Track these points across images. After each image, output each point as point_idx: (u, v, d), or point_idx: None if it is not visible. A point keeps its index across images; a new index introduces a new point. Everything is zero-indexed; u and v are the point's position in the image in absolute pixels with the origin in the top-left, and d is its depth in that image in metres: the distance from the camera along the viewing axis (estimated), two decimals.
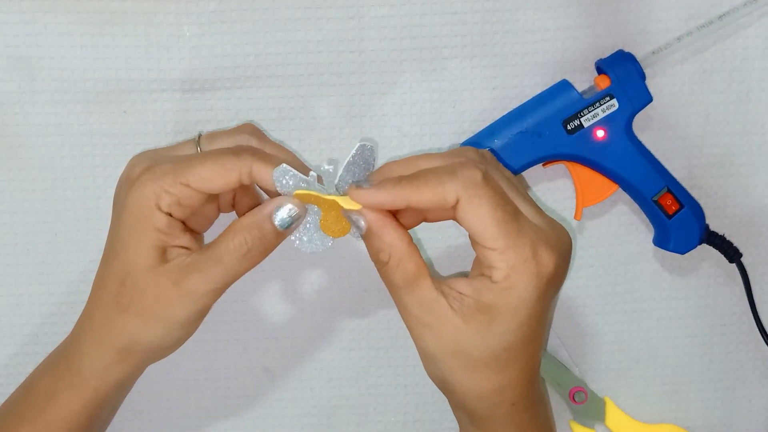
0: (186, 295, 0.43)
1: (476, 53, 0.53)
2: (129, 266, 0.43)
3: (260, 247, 0.43)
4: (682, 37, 0.51)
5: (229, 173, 0.43)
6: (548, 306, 0.43)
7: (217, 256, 0.43)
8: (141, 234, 0.43)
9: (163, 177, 0.42)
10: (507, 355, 0.42)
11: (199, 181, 0.42)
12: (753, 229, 0.55)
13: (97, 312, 0.45)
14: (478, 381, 0.43)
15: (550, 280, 0.41)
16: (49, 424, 0.46)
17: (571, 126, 0.50)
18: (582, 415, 0.56)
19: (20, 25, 0.50)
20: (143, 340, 0.44)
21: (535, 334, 0.42)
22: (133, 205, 0.43)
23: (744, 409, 0.58)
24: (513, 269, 0.40)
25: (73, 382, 0.45)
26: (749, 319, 0.54)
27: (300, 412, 0.56)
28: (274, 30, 0.52)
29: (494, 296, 0.41)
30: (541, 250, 0.41)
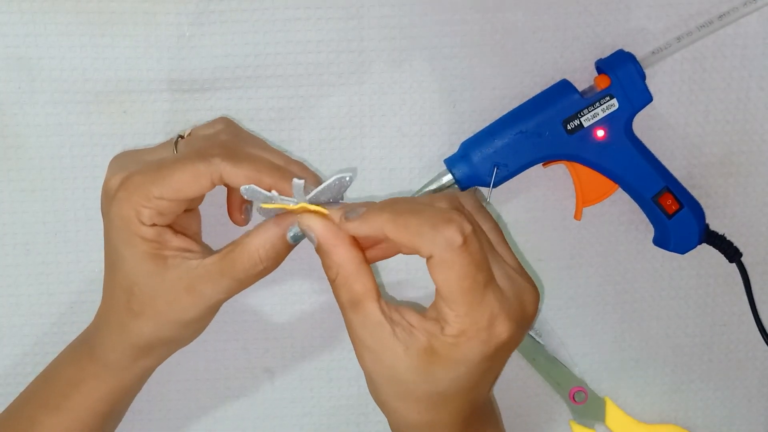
0: (199, 301, 0.44)
1: (476, 53, 0.53)
2: (132, 276, 0.44)
3: (274, 262, 0.44)
4: (682, 36, 0.51)
5: (201, 179, 0.43)
6: (494, 366, 0.42)
7: (231, 270, 0.44)
8: (132, 247, 0.43)
9: (137, 192, 0.43)
10: (440, 399, 0.42)
11: (172, 192, 0.43)
12: (753, 228, 0.55)
13: (112, 316, 0.46)
14: (410, 411, 0.43)
15: (500, 347, 0.41)
16: (72, 410, 0.47)
17: (571, 126, 0.50)
18: (582, 415, 0.56)
19: (20, 25, 0.50)
20: (161, 338, 0.46)
21: (474, 386, 0.42)
22: (116, 220, 0.44)
23: (744, 408, 0.58)
24: (464, 333, 0.40)
25: (97, 372, 0.47)
26: (749, 319, 0.54)
27: (300, 412, 0.56)
28: (274, 30, 0.52)
29: (440, 345, 0.40)
30: (498, 322, 0.40)
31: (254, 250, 0.43)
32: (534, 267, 0.55)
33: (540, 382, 0.56)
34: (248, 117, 0.52)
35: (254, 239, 0.44)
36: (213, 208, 0.52)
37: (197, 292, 0.44)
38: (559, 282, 0.56)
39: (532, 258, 0.55)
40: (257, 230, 0.44)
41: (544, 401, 0.57)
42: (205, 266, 0.44)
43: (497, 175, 0.50)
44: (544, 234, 0.55)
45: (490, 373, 0.43)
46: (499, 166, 0.50)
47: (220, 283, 0.44)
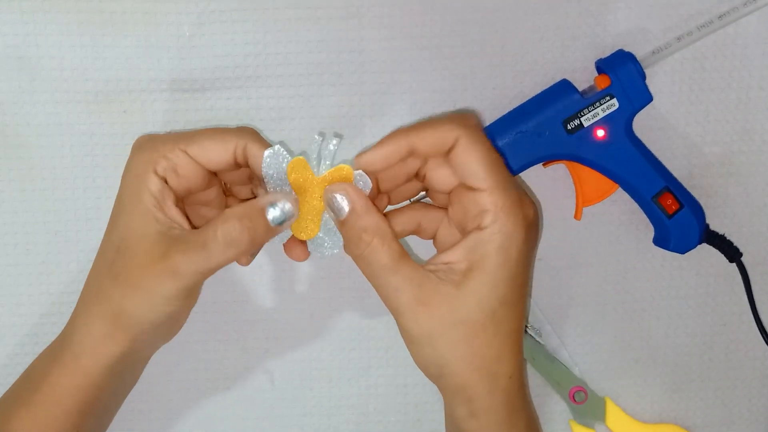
0: (169, 271, 0.43)
1: (476, 53, 0.53)
2: (126, 231, 0.44)
3: (248, 238, 0.43)
4: (682, 36, 0.51)
5: (227, 145, 0.44)
6: (531, 256, 0.45)
7: (203, 239, 0.43)
8: (136, 197, 0.44)
9: (163, 143, 0.45)
10: (502, 311, 0.43)
11: (197, 149, 0.44)
12: (753, 228, 0.55)
13: (93, 282, 0.46)
14: (478, 349, 0.43)
15: (532, 227, 0.44)
16: (43, 405, 0.45)
17: (571, 126, 0.50)
18: (582, 414, 0.56)
19: (20, 25, 0.50)
20: (128, 311, 0.44)
21: (523, 288, 0.44)
22: (132, 168, 0.45)
23: (744, 408, 0.58)
24: (502, 210, 0.43)
25: (66, 362, 0.45)
26: (749, 318, 0.54)
27: (300, 411, 0.56)
28: (274, 30, 0.52)
29: (485, 244, 0.43)
30: (525, 198, 0.44)
31: (228, 217, 0.43)
32: (534, 267, 0.55)
33: (540, 381, 0.56)
34: (248, 117, 0.52)
35: (232, 209, 0.43)
36: None
37: (168, 261, 0.42)
38: (559, 282, 0.56)
39: None
40: (239, 204, 0.44)
41: (544, 401, 0.57)
42: (185, 235, 0.43)
43: None
44: (544, 234, 0.55)
45: (529, 268, 0.46)
46: None
47: (189, 252, 0.42)
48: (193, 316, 0.54)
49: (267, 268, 0.55)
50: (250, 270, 0.54)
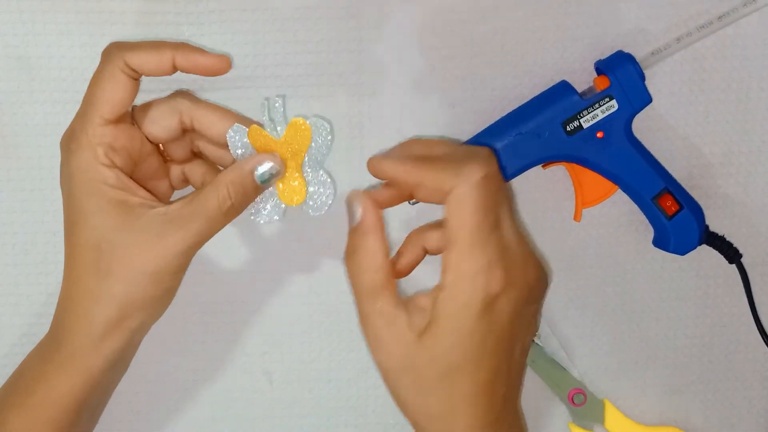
0: (172, 247, 0.43)
1: (475, 54, 0.53)
2: (100, 231, 0.43)
3: (242, 201, 0.44)
4: (681, 37, 0.51)
5: (162, 55, 0.44)
6: (493, 330, 0.41)
7: (201, 210, 0.43)
8: (97, 196, 0.43)
9: (86, 130, 0.43)
10: (454, 375, 0.41)
11: (105, 105, 0.43)
12: (753, 229, 0.55)
13: (76, 288, 0.44)
14: (428, 400, 0.42)
15: (494, 300, 0.41)
16: (38, 407, 0.45)
17: (571, 127, 0.50)
18: (581, 417, 0.56)
19: (19, 24, 0.50)
20: (132, 299, 0.44)
21: (481, 359, 0.41)
22: (76, 173, 0.44)
23: (744, 410, 0.57)
24: (462, 276, 0.41)
25: (62, 362, 0.45)
26: (749, 320, 0.54)
27: (299, 412, 0.56)
28: (273, 30, 0.52)
29: (441, 303, 0.41)
30: (495, 269, 0.41)
31: (223, 187, 0.44)
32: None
33: (539, 384, 0.56)
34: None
35: (224, 177, 0.44)
36: None
37: (169, 239, 0.43)
38: (559, 283, 0.56)
39: None
40: (226, 170, 0.45)
41: (543, 403, 0.57)
42: (175, 210, 0.44)
43: None
44: (544, 235, 0.55)
45: (490, 341, 0.41)
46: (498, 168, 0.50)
47: (190, 226, 0.43)
48: (192, 317, 0.54)
49: (266, 269, 0.55)
50: (249, 271, 0.54)
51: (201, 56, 0.45)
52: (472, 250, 0.41)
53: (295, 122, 0.46)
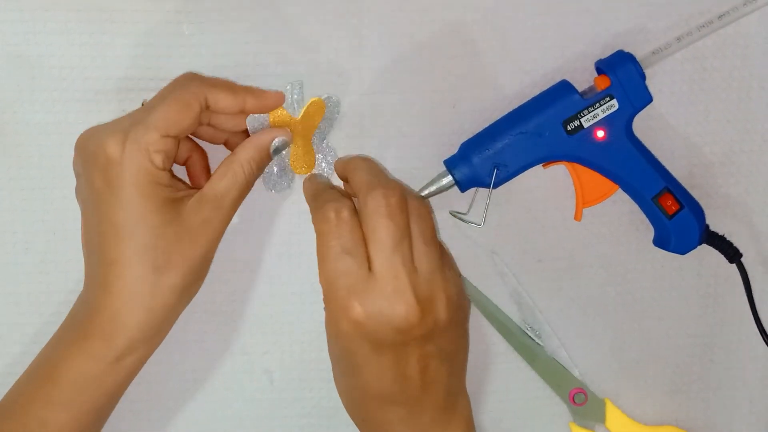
0: (214, 231, 0.47)
1: (476, 53, 0.52)
2: (156, 230, 0.45)
3: (259, 172, 0.49)
4: (682, 36, 0.51)
5: (191, 105, 0.46)
6: (349, 349, 0.45)
7: (233, 185, 0.47)
8: (153, 199, 0.45)
9: (144, 142, 0.45)
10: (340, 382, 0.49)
11: (172, 126, 0.45)
12: (753, 229, 0.55)
13: (137, 286, 0.45)
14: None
15: (345, 330, 0.44)
16: (85, 404, 0.46)
17: (571, 126, 0.50)
18: (582, 416, 0.56)
19: (20, 23, 0.50)
20: (188, 285, 0.47)
21: (353, 373, 0.46)
22: (132, 179, 0.45)
23: (745, 410, 0.57)
24: (323, 290, 0.45)
25: (114, 360, 0.46)
26: (749, 319, 0.54)
27: (299, 412, 0.56)
28: (273, 29, 0.52)
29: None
30: (354, 298, 0.44)
31: (247, 163, 0.48)
32: (534, 268, 0.55)
33: (540, 383, 0.56)
34: None
35: (245, 155, 0.48)
36: None
37: (210, 222, 0.47)
38: (559, 283, 0.56)
39: (532, 259, 0.55)
40: (247, 146, 0.48)
41: (544, 403, 0.57)
42: (209, 193, 0.47)
43: (497, 176, 0.50)
44: (545, 235, 0.55)
45: (348, 361, 0.46)
46: (499, 167, 0.50)
47: (225, 204, 0.47)
48: (193, 316, 0.54)
49: (267, 268, 0.54)
50: (250, 270, 0.54)
51: (268, 99, 0.49)
52: (324, 280, 0.46)
53: (314, 102, 0.50)
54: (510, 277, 0.55)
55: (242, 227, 0.54)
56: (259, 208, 0.54)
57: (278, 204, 0.54)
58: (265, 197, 0.53)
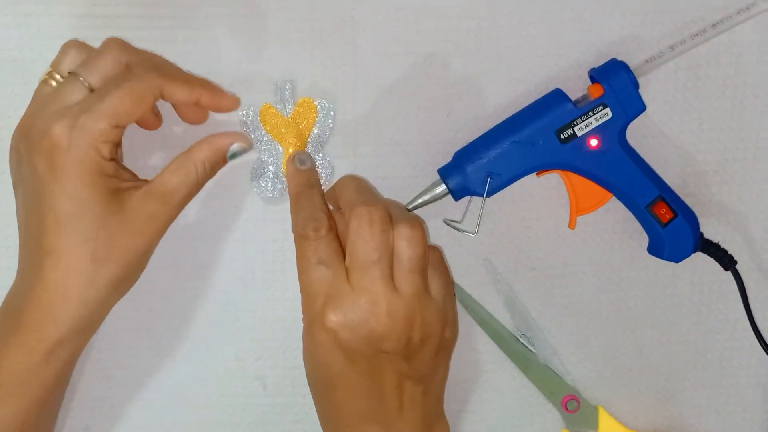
0: (160, 226, 0.47)
1: (470, 62, 0.52)
2: (98, 221, 0.44)
3: (212, 174, 0.48)
4: (675, 45, 0.51)
5: (146, 98, 0.45)
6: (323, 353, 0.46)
7: (183, 185, 0.47)
8: (96, 187, 0.44)
9: (93, 131, 0.44)
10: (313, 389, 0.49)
11: (124, 117, 0.45)
12: (747, 236, 0.55)
13: (70, 277, 0.45)
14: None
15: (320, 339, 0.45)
16: (27, 397, 0.45)
17: (565, 135, 0.50)
18: (575, 423, 0.56)
19: (13, 28, 0.50)
20: (124, 279, 0.46)
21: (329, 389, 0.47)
22: (77, 168, 0.44)
23: (738, 417, 0.57)
24: (302, 299, 0.46)
25: (46, 352, 0.45)
26: (743, 326, 0.54)
27: (292, 418, 0.56)
28: (268, 35, 0.51)
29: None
30: (329, 307, 0.45)
31: (200, 163, 0.47)
32: (527, 276, 0.55)
33: (532, 390, 0.56)
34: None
35: (199, 154, 0.47)
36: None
37: (156, 217, 0.46)
38: (553, 290, 0.56)
39: (526, 267, 0.55)
40: (203, 145, 0.48)
41: (537, 410, 0.57)
42: (157, 188, 0.46)
43: (491, 184, 0.50)
44: (538, 243, 0.55)
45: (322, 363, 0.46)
46: (492, 176, 0.50)
47: (172, 201, 0.46)
48: (186, 322, 0.54)
49: (259, 274, 0.54)
50: (243, 276, 0.54)
51: (223, 100, 0.49)
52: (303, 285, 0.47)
53: (304, 101, 0.51)
54: (503, 284, 0.55)
55: (235, 233, 0.54)
56: (252, 215, 0.54)
57: (271, 210, 0.54)
58: (257, 203, 0.53)
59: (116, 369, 0.55)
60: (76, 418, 0.55)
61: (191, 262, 0.54)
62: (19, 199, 0.47)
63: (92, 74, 0.46)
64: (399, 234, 0.45)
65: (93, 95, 0.45)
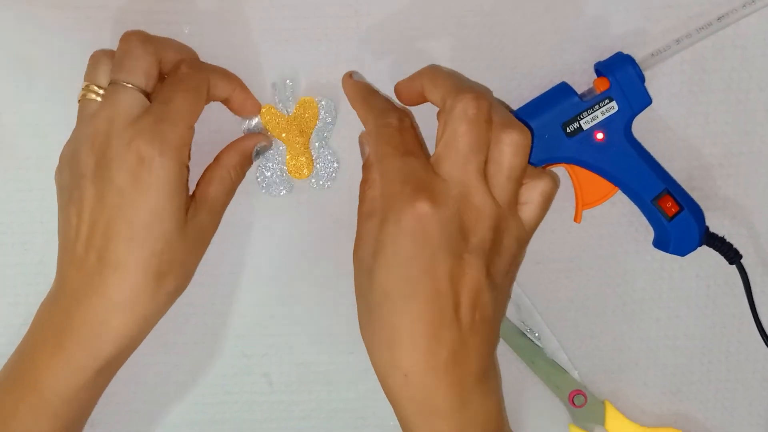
0: (206, 238, 0.48)
1: (474, 57, 0.52)
2: (168, 235, 0.45)
3: (242, 177, 0.50)
4: (681, 38, 0.51)
5: (201, 98, 0.47)
6: (428, 269, 0.41)
7: (220, 194, 0.48)
8: (178, 198, 0.45)
9: (176, 132, 0.45)
10: (389, 304, 0.42)
11: (194, 115, 0.46)
12: (753, 230, 0.55)
13: (135, 294, 0.44)
14: (374, 327, 0.43)
15: (420, 221, 0.42)
16: (63, 407, 0.45)
17: (571, 129, 0.50)
18: (581, 418, 0.56)
19: (17, 24, 0.50)
20: (177, 295, 0.47)
21: (414, 291, 0.42)
22: (166, 174, 0.44)
23: (744, 411, 0.57)
24: (382, 200, 0.44)
25: (100, 370, 0.45)
26: (749, 321, 0.54)
27: (298, 415, 0.56)
28: (271, 34, 0.51)
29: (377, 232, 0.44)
30: (421, 195, 0.42)
31: (230, 170, 0.49)
32: (533, 270, 0.55)
33: (539, 385, 0.56)
34: None
35: (228, 161, 0.49)
36: None
37: (206, 228, 0.47)
38: (558, 284, 0.55)
39: (531, 260, 0.55)
40: (230, 152, 0.49)
41: (544, 405, 0.57)
42: (201, 198, 0.47)
43: None
44: (544, 236, 0.55)
45: (423, 275, 0.41)
46: None
47: (216, 209, 0.48)
48: (192, 318, 0.54)
49: (265, 270, 0.54)
50: (249, 273, 0.54)
51: (250, 98, 0.50)
52: (389, 171, 0.44)
53: (304, 100, 0.51)
54: None
55: (241, 230, 0.54)
56: (258, 211, 0.54)
57: (276, 206, 0.54)
58: (263, 200, 0.53)
59: (121, 366, 0.54)
60: None
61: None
62: (73, 217, 0.46)
63: (136, 76, 0.45)
64: (507, 138, 0.43)
65: (158, 102, 0.45)
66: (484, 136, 0.43)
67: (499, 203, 0.43)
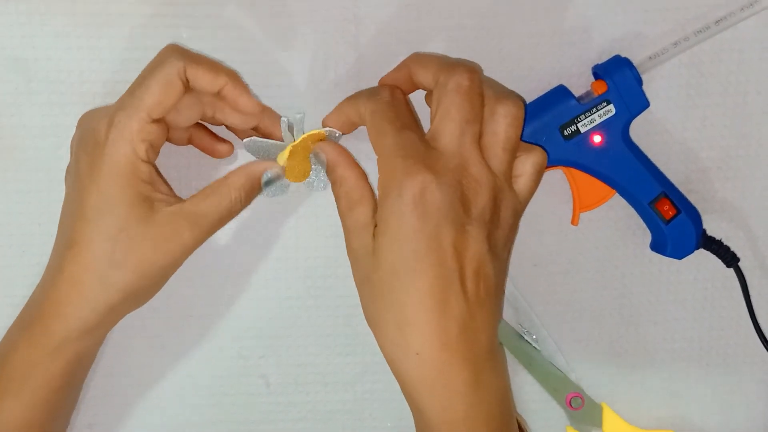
0: (183, 244, 0.46)
1: (472, 59, 0.52)
2: (122, 223, 0.44)
3: (248, 202, 0.48)
4: (678, 41, 0.51)
5: (173, 83, 0.45)
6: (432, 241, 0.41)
7: (214, 209, 0.46)
8: (128, 189, 0.44)
9: (129, 126, 0.44)
10: (397, 282, 0.42)
11: (156, 107, 0.44)
12: (750, 233, 0.55)
13: (85, 274, 0.45)
14: (380, 308, 0.43)
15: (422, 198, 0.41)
16: (32, 393, 0.46)
17: (568, 131, 0.50)
18: (579, 420, 0.56)
19: (16, 26, 0.50)
20: (137, 289, 0.45)
21: (421, 266, 0.41)
22: (113, 164, 0.44)
23: (742, 414, 0.57)
24: (382, 187, 0.43)
25: (53, 348, 0.45)
26: (747, 324, 0.54)
27: (295, 417, 0.56)
28: (271, 32, 0.52)
29: (380, 212, 0.43)
30: (420, 167, 0.42)
31: (236, 190, 0.46)
32: (530, 272, 0.55)
33: (536, 388, 0.56)
34: None
35: (236, 181, 0.47)
36: None
37: (183, 235, 0.45)
38: (556, 287, 0.56)
39: (529, 263, 0.55)
40: (237, 174, 0.47)
41: (541, 407, 0.57)
42: (189, 208, 0.46)
43: None
44: (541, 239, 0.55)
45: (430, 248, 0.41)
46: None
47: (203, 224, 0.46)
48: (189, 320, 0.54)
49: (264, 272, 0.54)
50: (246, 274, 0.54)
51: (245, 95, 0.47)
52: (389, 156, 0.43)
53: (315, 134, 0.49)
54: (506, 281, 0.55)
55: (238, 232, 0.54)
56: (256, 213, 0.54)
57: (274, 208, 0.54)
58: (261, 202, 0.53)
59: (119, 367, 0.55)
60: (80, 417, 0.55)
61: (194, 260, 0.54)
62: (65, 195, 0.48)
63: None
64: (503, 110, 0.44)
65: (127, 92, 0.46)
66: (479, 108, 0.44)
67: (496, 174, 0.44)
